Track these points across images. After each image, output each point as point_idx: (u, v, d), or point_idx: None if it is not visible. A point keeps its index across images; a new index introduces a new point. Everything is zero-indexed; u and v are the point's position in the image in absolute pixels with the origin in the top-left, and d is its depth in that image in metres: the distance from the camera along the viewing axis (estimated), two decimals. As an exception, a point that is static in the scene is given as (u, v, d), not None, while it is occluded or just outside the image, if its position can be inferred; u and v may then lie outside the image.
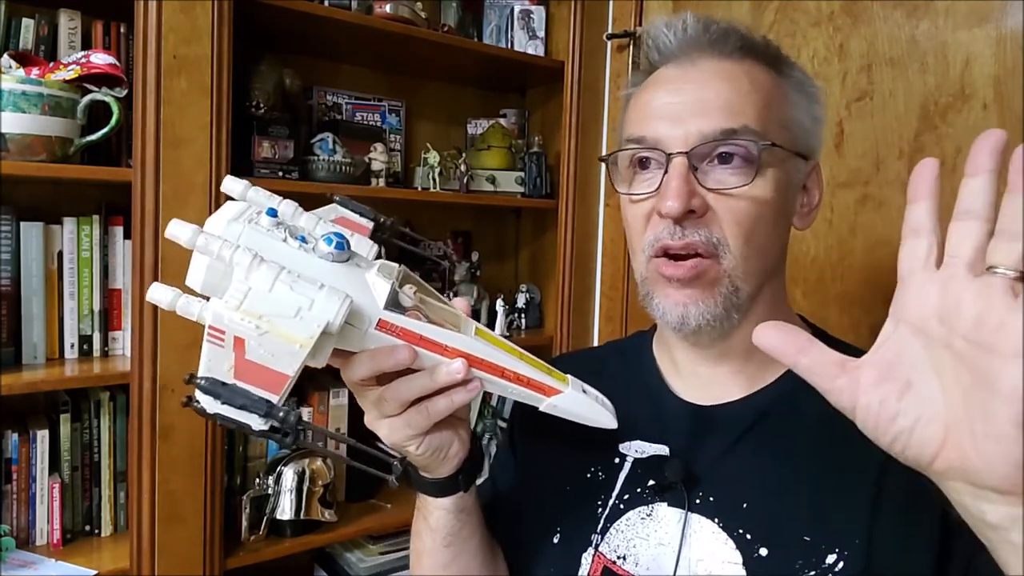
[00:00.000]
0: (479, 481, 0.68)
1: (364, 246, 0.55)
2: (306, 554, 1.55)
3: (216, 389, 0.45)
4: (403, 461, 0.54)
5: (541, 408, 0.57)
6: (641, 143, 0.64)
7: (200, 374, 0.46)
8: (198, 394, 0.46)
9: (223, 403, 0.45)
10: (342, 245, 0.50)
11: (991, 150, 0.37)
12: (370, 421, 0.58)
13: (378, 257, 0.56)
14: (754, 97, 0.62)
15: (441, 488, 0.64)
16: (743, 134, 0.60)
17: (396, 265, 0.55)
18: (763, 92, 0.63)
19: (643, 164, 0.65)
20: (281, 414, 0.46)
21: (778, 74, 0.65)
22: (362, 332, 0.51)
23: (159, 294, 0.48)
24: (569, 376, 0.58)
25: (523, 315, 1.81)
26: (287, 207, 0.54)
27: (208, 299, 0.48)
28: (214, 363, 0.46)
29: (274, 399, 0.46)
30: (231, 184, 0.56)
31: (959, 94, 1.04)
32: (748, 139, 0.60)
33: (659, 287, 0.64)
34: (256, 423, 0.46)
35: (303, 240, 0.51)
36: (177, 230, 0.48)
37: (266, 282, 0.46)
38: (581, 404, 0.57)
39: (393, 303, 0.52)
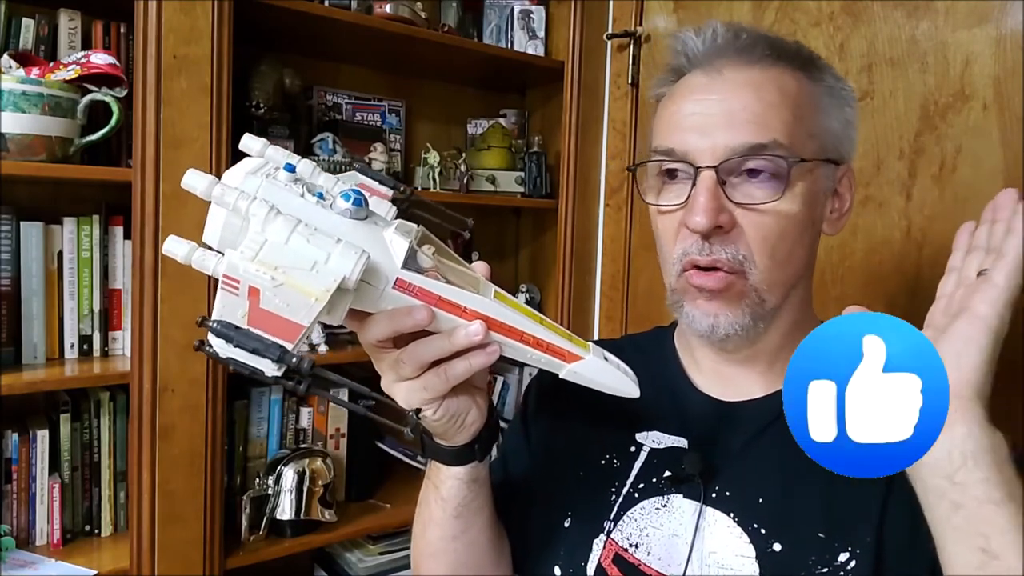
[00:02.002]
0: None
1: (383, 207, 0.54)
2: (306, 554, 1.56)
3: (228, 332, 0.44)
4: (418, 413, 0.54)
5: (561, 375, 0.55)
6: (669, 155, 0.64)
7: (213, 318, 0.45)
8: (210, 337, 0.45)
9: (235, 346, 0.44)
10: (360, 201, 0.50)
11: (1001, 207, 0.53)
12: (387, 385, 0.57)
13: (397, 219, 0.55)
14: (782, 109, 0.61)
15: (456, 456, 0.63)
16: (772, 149, 0.60)
17: (415, 225, 0.54)
18: (792, 102, 0.62)
19: (671, 174, 0.65)
20: (295, 360, 0.45)
21: (809, 79, 0.65)
22: (379, 291, 0.50)
23: (175, 247, 0.48)
24: (591, 343, 0.57)
25: (523, 315, 1.81)
26: (305, 166, 0.53)
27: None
28: (227, 309, 0.45)
29: (288, 347, 0.45)
30: (250, 141, 0.55)
31: (959, 94, 1.04)
32: (777, 154, 0.60)
33: (689, 296, 0.65)
34: (269, 368, 0.45)
35: (321, 197, 0.50)
36: (193, 180, 0.47)
37: (282, 234, 0.46)
38: (603, 371, 0.55)
39: (411, 262, 0.51)
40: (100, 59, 1.19)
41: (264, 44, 1.47)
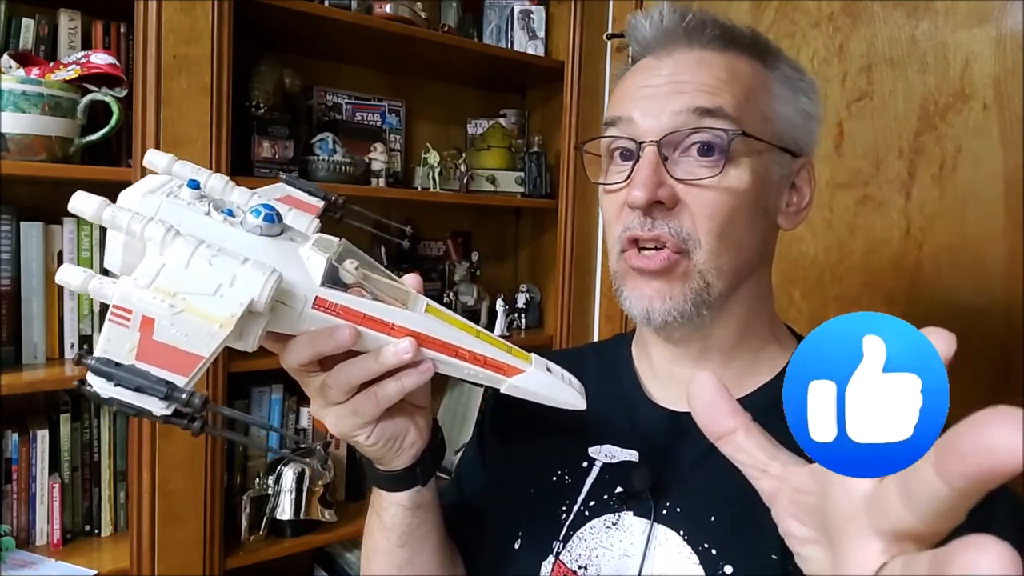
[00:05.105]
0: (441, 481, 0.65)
1: (302, 221, 0.51)
2: (306, 554, 1.55)
3: (108, 370, 0.40)
4: (326, 446, 0.52)
5: (502, 390, 0.52)
6: (615, 124, 0.62)
7: (95, 355, 0.40)
8: (90, 376, 0.40)
9: (116, 385, 0.40)
10: (271, 217, 0.46)
11: None
12: (316, 410, 0.54)
13: (341, 239, 0.52)
14: (732, 85, 0.59)
15: (396, 482, 0.59)
16: (717, 115, 0.58)
17: (336, 239, 0.50)
18: (743, 82, 0.60)
19: (622, 156, 0.63)
20: (184, 396, 0.40)
21: (763, 66, 0.63)
22: (297, 312, 0.47)
23: (68, 276, 0.43)
24: (533, 355, 0.53)
25: (523, 315, 1.81)
26: (217, 181, 0.50)
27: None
28: (113, 344, 0.41)
29: (181, 381, 0.40)
30: (154, 157, 0.51)
31: (959, 94, 1.04)
32: (721, 123, 0.58)
33: (628, 280, 0.62)
34: (156, 407, 0.40)
35: (230, 213, 0.47)
36: (80, 203, 0.44)
37: (182, 257, 0.42)
38: (545, 384, 0.52)
39: (332, 279, 0.48)
40: (100, 59, 1.19)
41: (264, 44, 1.47)
